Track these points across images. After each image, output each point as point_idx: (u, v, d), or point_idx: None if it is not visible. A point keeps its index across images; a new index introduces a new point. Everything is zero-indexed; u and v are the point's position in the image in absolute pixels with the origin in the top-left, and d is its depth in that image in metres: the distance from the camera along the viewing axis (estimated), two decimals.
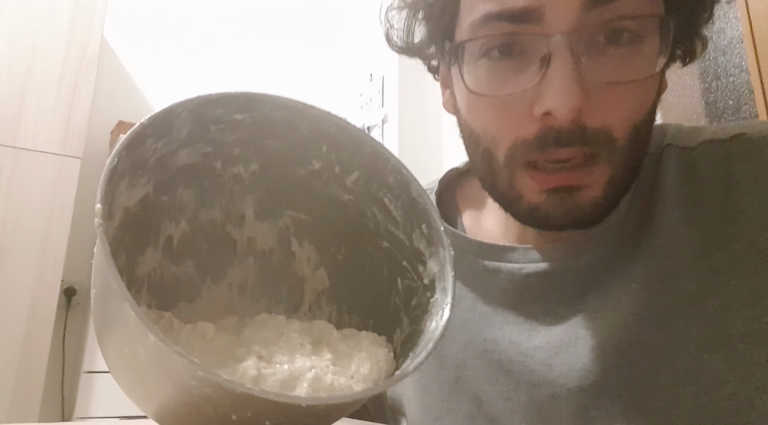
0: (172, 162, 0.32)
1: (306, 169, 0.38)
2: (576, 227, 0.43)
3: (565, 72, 0.37)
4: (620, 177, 0.41)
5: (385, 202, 0.37)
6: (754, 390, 0.40)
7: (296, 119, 0.34)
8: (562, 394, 0.45)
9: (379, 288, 0.39)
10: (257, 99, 0.33)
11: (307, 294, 0.42)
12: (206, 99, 0.31)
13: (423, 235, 0.36)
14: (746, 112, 1.26)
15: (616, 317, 0.44)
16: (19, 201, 1.82)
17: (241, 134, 0.34)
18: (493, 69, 0.42)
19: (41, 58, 1.95)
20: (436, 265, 0.35)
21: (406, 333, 0.36)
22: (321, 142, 0.36)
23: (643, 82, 0.40)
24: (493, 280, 0.50)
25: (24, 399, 1.72)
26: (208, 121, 0.32)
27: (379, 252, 0.39)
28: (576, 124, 0.38)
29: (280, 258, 0.41)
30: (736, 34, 1.30)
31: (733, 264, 0.42)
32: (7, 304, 1.75)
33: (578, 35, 0.38)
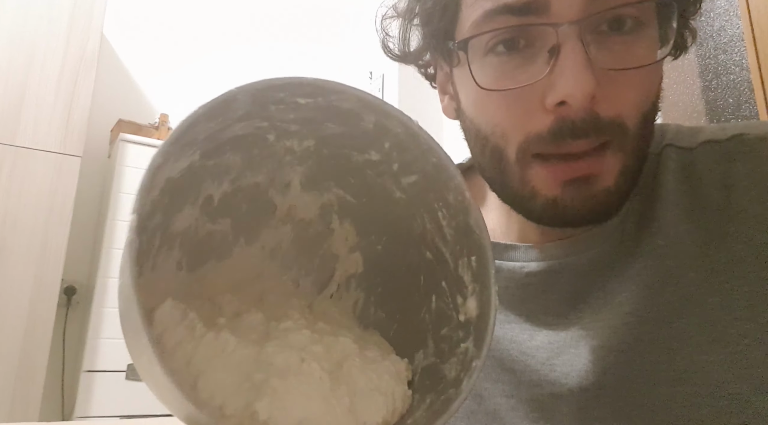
0: (223, 134, 0.32)
1: (363, 157, 0.37)
2: (593, 220, 0.42)
3: (576, 59, 0.37)
4: (632, 165, 0.41)
5: (438, 215, 0.36)
6: (754, 389, 0.40)
7: (364, 111, 0.34)
8: (563, 393, 0.45)
9: (412, 295, 0.38)
10: (325, 87, 0.32)
11: (337, 273, 0.41)
12: (269, 83, 0.30)
13: (470, 267, 0.35)
14: (746, 110, 1.26)
15: (616, 316, 0.44)
16: (18, 199, 1.82)
17: (301, 114, 0.33)
18: (501, 64, 0.41)
19: (41, 57, 1.95)
20: (476, 308, 0.34)
21: (428, 362, 0.35)
22: (385, 139, 0.35)
23: (649, 69, 0.39)
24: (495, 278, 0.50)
25: (24, 399, 1.72)
26: (269, 102, 0.32)
27: (420, 260, 0.38)
28: (590, 114, 0.38)
29: (318, 230, 0.41)
30: (737, 32, 1.30)
31: (733, 264, 0.42)
32: (7, 303, 1.74)
33: (585, 23, 0.38)
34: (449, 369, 0.33)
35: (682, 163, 0.46)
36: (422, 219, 0.37)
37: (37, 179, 1.86)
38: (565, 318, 0.47)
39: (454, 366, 0.33)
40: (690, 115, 1.39)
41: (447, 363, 0.33)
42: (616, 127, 0.39)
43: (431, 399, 0.32)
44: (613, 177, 0.40)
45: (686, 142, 0.47)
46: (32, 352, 1.76)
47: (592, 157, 0.39)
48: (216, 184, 0.35)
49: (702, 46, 1.39)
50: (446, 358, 0.34)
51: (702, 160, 0.46)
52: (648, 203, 0.46)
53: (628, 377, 0.43)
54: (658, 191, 0.46)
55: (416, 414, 0.32)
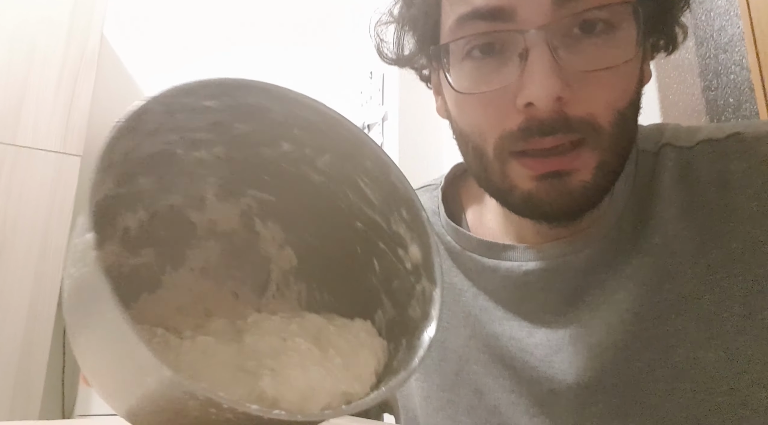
0: (135, 154, 0.32)
1: (274, 150, 0.37)
2: (569, 213, 0.44)
3: (542, 63, 0.39)
4: (609, 161, 0.42)
5: (360, 185, 0.37)
6: (751, 386, 0.40)
7: (269, 103, 0.34)
8: (561, 390, 0.46)
9: (353, 267, 0.39)
10: (229, 84, 0.32)
11: (273, 273, 0.42)
12: (179, 89, 0.30)
13: (403, 220, 0.36)
14: (747, 109, 1.26)
15: (614, 314, 0.45)
16: (18, 199, 1.82)
17: (208, 120, 0.33)
18: (476, 68, 0.43)
19: (41, 56, 1.94)
20: (419, 251, 0.35)
21: (389, 316, 0.37)
22: (293, 125, 0.35)
23: (621, 69, 0.40)
24: (493, 277, 0.51)
25: (24, 396, 1.72)
26: (177, 110, 0.31)
27: (352, 233, 0.39)
28: (558, 113, 0.40)
29: (243, 238, 0.41)
30: (737, 32, 1.30)
31: (730, 262, 0.43)
32: (8, 301, 1.74)
33: (552, 29, 0.39)
34: (413, 311, 0.34)
35: (679, 162, 0.47)
36: (345, 194, 0.38)
37: (37, 178, 1.86)
38: (563, 317, 0.47)
39: (417, 306, 0.34)
40: (690, 114, 1.39)
41: (409, 308, 0.35)
42: (587, 125, 0.40)
43: (406, 340, 0.33)
44: (589, 171, 0.42)
45: (684, 141, 0.48)
46: (32, 350, 1.76)
47: (566, 153, 0.41)
48: (131, 214, 0.35)
49: (702, 46, 1.38)
50: (407, 305, 0.35)
51: (700, 159, 0.46)
52: (645, 201, 0.47)
53: (626, 374, 0.44)
54: (656, 189, 0.47)
55: (398, 356, 0.33)
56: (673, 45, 0.49)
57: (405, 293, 0.36)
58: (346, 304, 0.39)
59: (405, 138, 2.26)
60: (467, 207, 0.59)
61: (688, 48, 1.40)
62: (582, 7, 0.39)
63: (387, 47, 0.56)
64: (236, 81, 0.32)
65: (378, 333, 0.36)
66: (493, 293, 0.52)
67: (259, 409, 0.23)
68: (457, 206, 0.59)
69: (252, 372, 0.29)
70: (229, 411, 0.22)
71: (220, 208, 0.39)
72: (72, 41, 2.01)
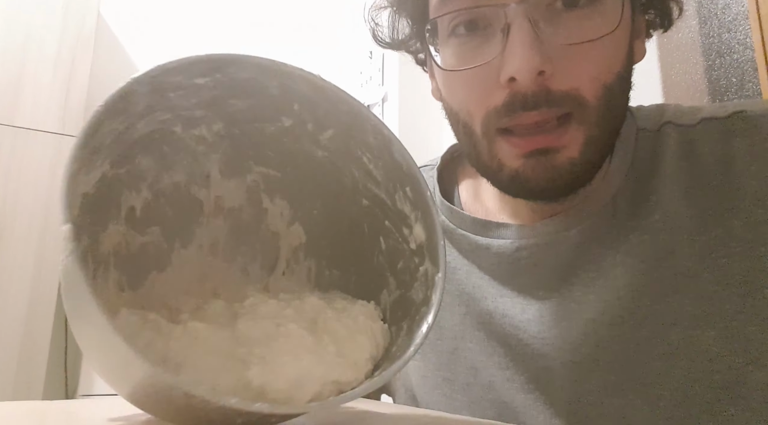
0: (129, 135, 0.31)
1: (275, 125, 0.37)
2: (557, 191, 0.44)
3: (522, 38, 0.39)
4: (597, 137, 0.42)
5: (364, 161, 0.37)
6: (747, 365, 0.41)
7: (266, 78, 0.33)
8: (555, 367, 0.46)
9: (360, 244, 0.39)
10: (221, 60, 0.31)
11: (283, 250, 0.41)
12: (164, 68, 0.29)
13: (407, 198, 0.35)
14: (750, 89, 1.25)
15: (610, 291, 0.45)
16: (18, 180, 1.82)
17: (202, 97, 0.33)
18: (461, 45, 0.43)
19: (37, 36, 1.93)
20: (423, 231, 0.35)
21: (394, 297, 0.36)
22: (292, 100, 0.35)
23: (605, 42, 0.40)
24: (486, 255, 0.51)
25: (27, 377, 1.74)
26: (167, 90, 0.31)
27: (359, 210, 0.39)
28: (541, 87, 0.40)
29: (251, 215, 0.41)
30: (741, 11, 1.28)
31: (729, 240, 0.43)
32: (9, 283, 1.75)
33: (532, 2, 0.39)
34: (416, 294, 0.34)
35: (681, 140, 0.46)
36: (349, 170, 0.38)
37: (36, 160, 1.86)
38: (557, 292, 0.47)
39: (419, 289, 0.34)
40: (693, 94, 1.38)
41: (412, 290, 0.35)
42: (572, 99, 0.40)
43: (407, 325, 0.33)
44: (577, 147, 0.41)
45: (686, 119, 0.47)
46: (35, 331, 1.77)
47: (552, 130, 0.41)
48: (134, 194, 0.35)
49: (705, 25, 1.37)
50: (410, 286, 0.35)
51: (702, 137, 0.46)
52: (645, 179, 0.47)
53: (622, 351, 0.44)
54: (657, 167, 0.46)
55: (398, 341, 0.33)
56: (668, 21, 0.49)
57: (409, 274, 0.35)
58: (353, 282, 0.39)
59: (405, 118, 2.24)
60: (461, 184, 0.59)
61: (691, 27, 1.38)
62: None
63: (382, 31, 0.56)
64: (227, 56, 0.31)
65: (382, 314, 0.36)
66: (486, 270, 0.52)
67: (239, 402, 0.23)
68: (452, 184, 0.59)
69: (241, 359, 0.28)
70: (212, 404, 0.22)
71: (225, 185, 0.39)
72: (69, 21, 1.98)
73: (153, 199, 0.36)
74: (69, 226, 0.24)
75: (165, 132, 0.34)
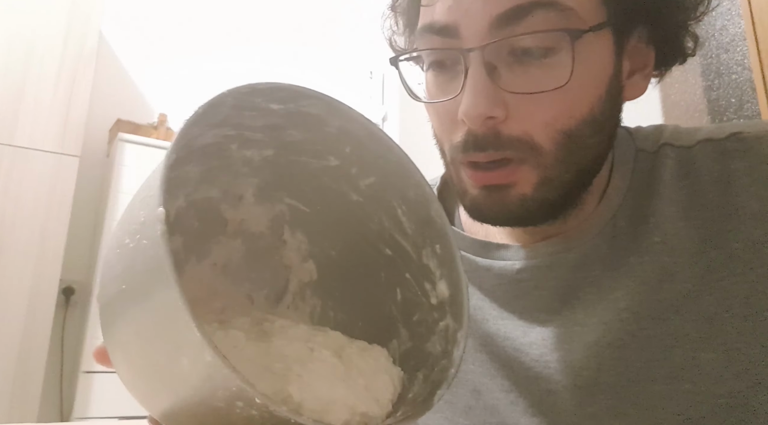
0: (195, 142, 0.32)
1: (321, 163, 0.38)
2: (512, 221, 0.46)
3: (474, 83, 0.40)
4: (555, 177, 0.43)
5: (397, 212, 0.38)
6: (750, 387, 0.40)
7: (329, 116, 0.35)
8: (558, 390, 0.46)
9: (373, 292, 0.39)
10: (300, 92, 0.33)
11: (292, 284, 0.42)
12: (253, 88, 0.31)
13: (435, 255, 0.36)
14: (748, 109, 1.26)
15: (611, 313, 0.45)
16: (16, 200, 1.82)
17: (269, 121, 0.34)
18: (434, 79, 0.46)
19: (38, 55, 1.94)
20: (447, 289, 0.35)
21: (405, 348, 0.37)
22: (346, 142, 0.36)
23: (564, 90, 0.40)
24: (487, 276, 0.51)
25: (22, 399, 1.72)
26: (245, 108, 0.32)
27: (379, 258, 0.39)
28: (490, 130, 0.41)
29: (269, 243, 0.41)
30: (739, 32, 1.30)
31: (730, 261, 0.42)
32: (6, 304, 1.74)
33: (489, 49, 0.40)
34: (433, 346, 0.34)
35: (680, 161, 0.47)
36: (379, 218, 0.39)
37: (35, 179, 1.86)
38: (558, 315, 0.47)
39: (437, 343, 0.34)
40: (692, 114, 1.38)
41: (429, 342, 0.35)
42: (523, 144, 0.41)
43: (424, 374, 0.33)
44: (530, 186, 0.43)
45: (684, 140, 0.48)
46: (30, 353, 1.75)
47: (504, 168, 0.42)
48: (172, 200, 0.35)
49: (704, 46, 1.38)
50: (426, 339, 0.35)
51: (700, 158, 0.46)
52: (644, 200, 0.47)
53: (624, 374, 0.43)
54: (655, 188, 0.47)
55: (414, 388, 0.33)
56: (681, 56, 0.49)
57: (425, 327, 0.36)
58: (359, 328, 0.39)
59: (405, 137, 2.25)
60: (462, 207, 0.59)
61: None
62: (520, 30, 0.40)
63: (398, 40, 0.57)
64: (305, 90, 0.33)
65: (392, 361, 0.36)
66: (487, 292, 0.51)
67: (289, 410, 0.23)
68: (452, 205, 0.59)
69: (280, 374, 0.29)
70: (256, 408, 0.22)
71: (253, 210, 0.40)
72: (70, 40, 2.00)
73: (185, 207, 0.37)
74: (162, 209, 0.24)
75: (222, 146, 0.35)
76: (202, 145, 0.33)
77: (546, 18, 0.39)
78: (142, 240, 0.24)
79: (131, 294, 0.26)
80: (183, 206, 0.36)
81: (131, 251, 0.25)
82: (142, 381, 0.28)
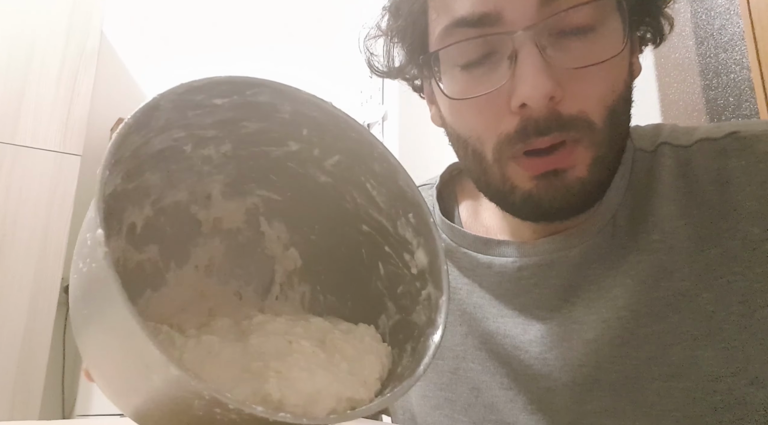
0: (144, 150, 0.32)
1: (281, 150, 0.37)
2: (569, 211, 0.44)
3: (532, 63, 0.39)
4: (604, 156, 0.43)
5: (367, 187, 0.37)
6: (748, 385, 0.40)
7: (279, 102, 0.34)
8: (557, 388, 0.46)
9: (358, 270, 0.39)
10: (241, 82, 0.32)
11: (277, 274, 0.42)
12: (190, 86, 0.30)
13: (410, 224, 0.36)
14: (747, 109, 1.26)
15: (610, 311, 0.45)
16: (18, 199, 1.82)
17: (217, 117, 0.33)
18: (468, 73, 0.44)
19: (40, 54, 1.94)
20: (425, 256, 0.35)
21: (393, 321, 0.37)
22: (302, 125, 0.35)
23: (609, 64, 0.41)
24: (488, 273, 0.51)
25: (24, 397, 1.72)
26: (187, 108, 0.31)
27: (358, 235, 0.39)
28: (552, 112, 0.40)
29: (247, 237, 0.41)
30: (737, 31, 1.30)
31: (728, 260, 0.43)
32: (8, 302, 1.74)
33: (539, 28, 0.40)
34: (418, 317, 0.34)
35: (678, 160, 0.47)
36: (351, 196, 0.38)
37: (37, 178, 1.86)
38: (558, 312, 0.47)
39: (422, 313, 0.34)
40: (690, 113, 1.39)
41: (414, 313, 0.35)
42: (581, 122, 0.41)
43: (411, 346, 0.33)
44: (585, 167, 0.42)
45: (682, 140, 0.48)
46: (32, 351, 1.76)
47: (561, 151, 0.41)
48: (137, 210, 0.35)
49: (702, 45, 1.38)
50: (411, 310, 0.35)
51: (698, 157, 0.46)
52: (643, 199, 0.47)
53: (623, 372, 0.44)
54: (654, 187, 0.47)
55: (403, 362, 0.33)
56: (660, 37, 0.50)
57: (410, 298, 0.36)
58: (349, 308, 0.39)
59: (405, 137, 2.25)
60: (461, 204, 0.59)
61: (688, 47, 1.40)
62: (566, 5, 0.40)
63: (377, 60, 0.57)
64: (247, 79, 0.32)
65: (382, 338, 0.36)
66: (488, 289, 0.52)
67: (265, 411, 0.23)
68: (452, 203, 0.59)
69: (257, 373, 0.29)
70: (234, 412, 0.22)
71: (225, 206, 0.39)
72: (71, 40, 2.00)
73: (154, 216, 0.36)
74: (101, 231, 0.24)
75: (176, 150, 0.34)
76: (153, 151, 0.32)
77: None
78: (91, 263, 0.24)
79: (93, 317, 0.26)
80: (151, 215, 0.36)
81: (86, 276, 0.25)
82: (122, 398, 0.28)
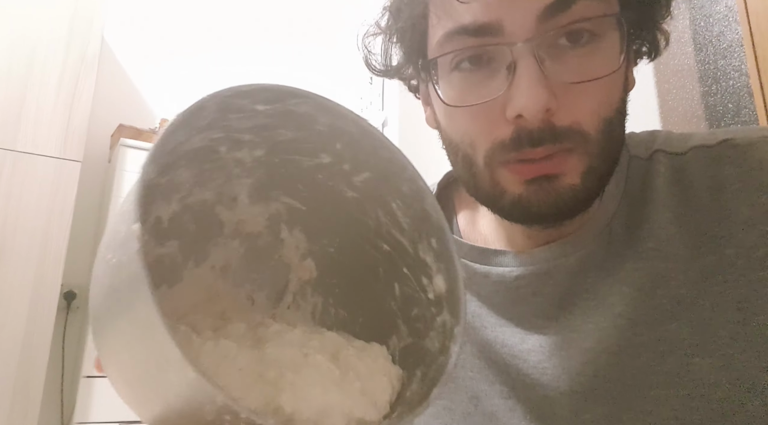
0: (183, 147, 0.32)
1: (313, 161, 0.37)
2: (558, 216, 0.44)
3: (530, 76, 0.39)
4: (598, 166, 0.43)
5: (392, 207, 0.37)
6: (745, 393, 0.40)
7: (318, 114, 0.34)
8: (555, 397, 0.46)
9: (373, 287, 0.39)
10: (286, 92, 0.33)
11: (292, 283, 0.42)
12: (237, 90, 0.31)
13: (432, 249, 0.36)
14: (746, 115, 1.26)
15: (607, 319, 0.45)
16: (18, 205, 1.82)
17: (256, 122, 0.34)
18: (465, 80, 0.44)
19: (41, 60, 1.95)
20: (444, 283, 0.35)
21: (405, 343, 0.36)
22: (337, 139, 0.36)
23: (607, 79, 0.41)
24: (485, 283, 0.51)
25: (23, 404, 1.72)
26: (229, 111, 0.32)
27: (377, 253, 0.39)
28: (546, 124, 0.40)
29: (267, 242, 0.41)
30: (736, 37, 1.30)
31: (723, 267, 0.43)
32: (7, 308, 1.74)
33: (538, 41, 0.40)
34: (431, 343, 0.34)
35: (672, 168, 0.47)
36: (375, 214, 0.38)
37: (37, 184, 1.86)
38: (555, 321, 0.48)
39: (435, 339, 0.34)
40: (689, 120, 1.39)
41: (427, 339, 0.35)
42: (575, 133, 0.41)
43: (422, 372, 0.33)
44: (578, 175, 0.42)
45: (676, 147, 0.48)
46: (31, 357, 1.75)
47: (553, 159, 0.41)
48: (165, 204, 0.35)
49: (701, 52, 1.39)
50: (424, 335, 0.35)
51: (692, 164, 0.46)
52: (638, 206, 0.47)
53: (620, 380, 0.44)
54: (649, 194, 0.47)
55: (412, 386, 0.33)
56: (655, 51, 0.50)
57: (424, 323, 0.35)
58: (360, 324, 0.39)
59: (405, 143, 2.26)
60: (459, 213, 0.59)
61: (687, 53, 1.40)
62: (567, 20, 0.40)
63: (375, 59, 0.57)
64: (292, 90, 0.33)
65: (392, 359, 0.36)
66: (485, 299, 0.52)
67: (276, 424, 0.23)
68: (449, 212, 0.59)
69: (272, 382, 0.29)
70: (245, 422, 0.22)
71: (250, 210, 0.40)
72: (72, 46, 2.01)
73: (180, 211, 0.36)
74: (138, 225, 0.24)
75: (211, 149, 0.35)
76: (190, 149, 0.33)
77: (589, 5, 0.40)
78: (122, 256, 0.24)
79: (118, 308, 0.26)
80: (178, 210, 0.36)
81: (114, 267, 0.25)
82: (133, 390, 0.28)
